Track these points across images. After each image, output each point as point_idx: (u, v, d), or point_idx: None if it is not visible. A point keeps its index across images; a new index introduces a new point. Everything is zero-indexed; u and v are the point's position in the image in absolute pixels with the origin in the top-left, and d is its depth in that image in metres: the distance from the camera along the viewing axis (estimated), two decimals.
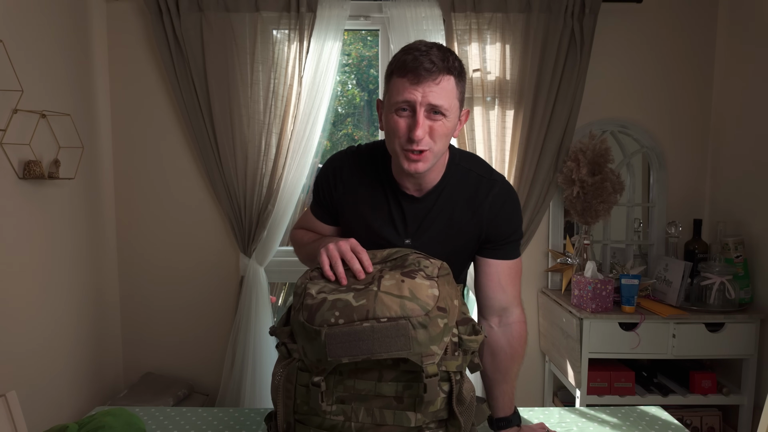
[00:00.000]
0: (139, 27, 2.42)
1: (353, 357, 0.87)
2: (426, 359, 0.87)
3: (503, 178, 1.23)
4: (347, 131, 2.83)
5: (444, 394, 0.92)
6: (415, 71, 1.04)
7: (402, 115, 1.07)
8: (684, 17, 2.48)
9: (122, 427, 1.03)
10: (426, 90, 1.04)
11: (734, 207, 2.38)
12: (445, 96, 1.06)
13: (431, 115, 1.06)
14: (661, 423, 1.32)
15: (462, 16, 2.33)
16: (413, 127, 1.05)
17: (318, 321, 0.90)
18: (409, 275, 0.95)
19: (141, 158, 2.49)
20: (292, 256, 2.58)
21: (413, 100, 1.05)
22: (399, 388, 0.90)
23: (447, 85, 1.06)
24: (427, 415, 0.91)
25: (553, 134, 2.38)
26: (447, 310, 0.92)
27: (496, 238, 1.21)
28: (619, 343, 2.13)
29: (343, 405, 0.92)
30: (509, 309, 1.24)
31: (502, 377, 1.23)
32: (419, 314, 0.88)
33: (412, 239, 1.21)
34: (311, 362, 0.91)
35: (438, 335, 0.89)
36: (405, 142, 1.07)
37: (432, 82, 1.04)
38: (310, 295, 0.94)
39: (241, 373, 2.41)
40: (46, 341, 2.00)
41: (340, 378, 0.92)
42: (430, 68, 1.04)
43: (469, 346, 0.96)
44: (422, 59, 1.04)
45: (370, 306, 0.89)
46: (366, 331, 0.87)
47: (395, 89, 1.07)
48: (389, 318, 0.88)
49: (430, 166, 1.10)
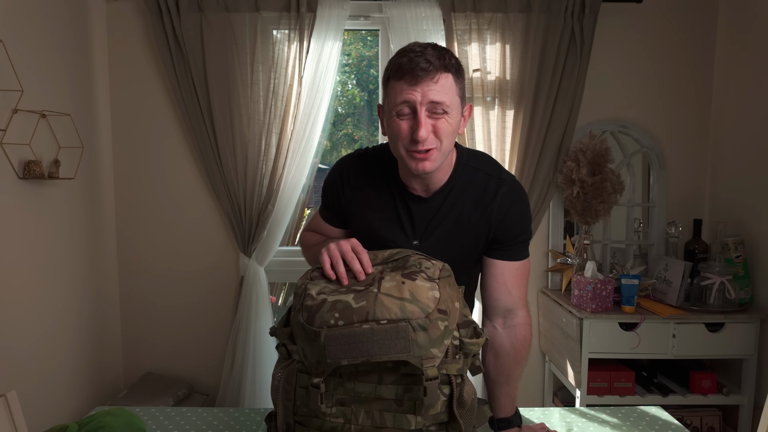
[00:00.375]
0: (139, 27, 2.42)
1: (352, 359, 0.86)
2: (426, 362, 0.86)
3: (512, 177, 1.22)
4: (347, 131, 2.83)
5: (444, 397, 0.91)
6: (411, 72, 1.03)
7: (404, 118, 1.06)
8: (684, 17, 2.48)
9: (122, 427, 1.03)
10: (425, 89, 1.04)
11: (734, 207, 2.38)
12: (444, 93, 1.05)
13: (433, 114, 1.05)
14: (661, 423, 1.32)
15: (462, 16, 2.33)
16: (416, 128, 1.05)
17: (318, 322, 0.89)
18: (409, 277, 0.94)
19: (141, 158, 2.49)
20: (292, 256, 2.58)
21: (413, 100, 1.04)
22: (399, 391, 0.90)
23: (446, 82, 1.05)
24: (428, 418, 0.91)
25: (553, 134, 2.38)
26: (448, 313, 0.91)
27: (504, 238, 1.20)
28: (619, 343, 2.13)
29: (342, 407, 0.91)
30: (514, 311, 1.24)
31: (504, 379, 1.22)
32: (419, 316, 0.87)
33: (420, 240, 1.20)
34: (311, 363, 0.91)
35: (438, 338, 0.88)
36: (409, 144, 1.07)
37: (430, 81, 1.04)
38: (310, 296, 0.93)
39: (241, 373, 2.41)
40: (46, 341, 2.00)
41: (339, 380, 0.91)
42: (427, 67, 1.03)
43: (470, 349, 0.95)
44: (418, 59, 1.03)
45: (369, 308, 0.88)
46: (365, 333, 0.86)
47: (394, 92, 1.07)
48: (389, 320, 0.87)
49: (437, 165, 1.10)
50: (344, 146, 2.83)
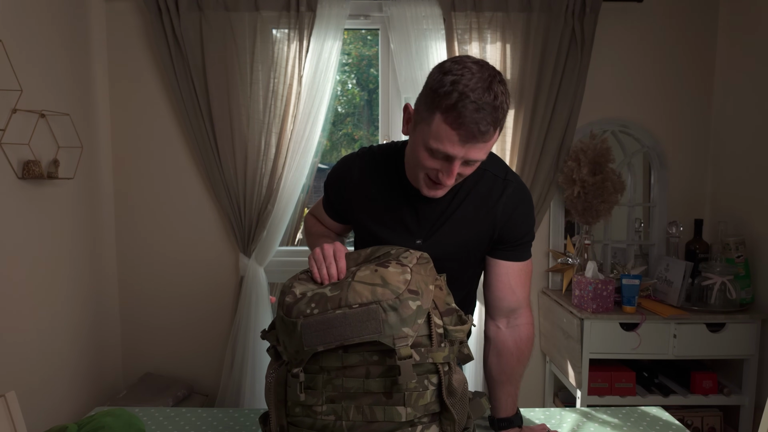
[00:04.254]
0: (139, 26, 2.42)
1: (327, 344, 0.88)
2: (398, 341, 0.88)
3: (518, 179, 1.22)
4: (347, 131, 2.82)
5: (433, 386, 0.92)
6: (468, 130, 0.96)
7: (436, 156, 1.03)
8: (685, 16, 2.48)
9: (122, 427, 1.03)
10: (471, 148, 1.00)
11: (735, 207, 2.38)
12: (486, 150, 1.02)
13: (465, 164, 1.04)
14: (662, 423, 1.31)
15: (462, 16, 2.32)
16: (446, 173, 1.03)
17: (294, 313, 0.92)
18: (383, 265, 0.96)
19: (140, 158, 2.49)
20: (291, 256, 2.58)
21: (455, 155, 1.00)
22: (387, 384, 0.90)
23: (492, 139, 1.01)
24: (418, 409, 0.91)
25: (554, 134, 2.38)
26: (420, 293, 0.92)
27: (508, 239, 1.21)
28: (619, 344, 2.13)
29: (333, 404, 0.92)
30: (518, 311, 1.24)
31: (506, 378, 1.22)
32: (390, 297, 0.89)
33: (423, 239, 1.20)
34: (290, 355, 0.93)
35: (410, 317, 0.89)
36: (428, 176, 1.07)
37: (481, 142, 1.00)
38: (293, 294, 0.95)
39: (241, 373, 2.41)
40: (46, 341, 1.99)
41: (328, 377, 0.92)
42: (486, 131, 0.97)
43: (455, 336, 0.96)
44: (478, 118, 0.95)
45: (343, 295, 0.91)
46: (338, 318, 0.88)
47: (438, 134, 0.99)
48: (361, 304, 0.89)
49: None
50: (344, 146, 2.83)
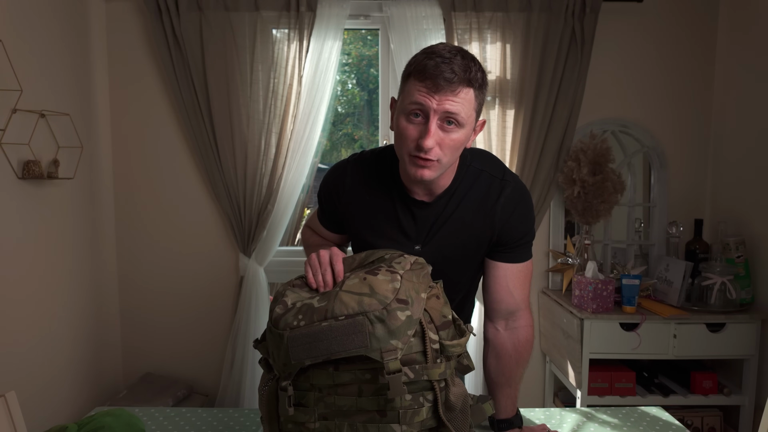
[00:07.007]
0: (139, 26, 2.42)
1: (314, 358, 0.86)
2: (387, 355, 0.84)
3: (516, 179, 1.20)
4: (347, 131, 2.82)
5: (429, 403, 0.90)
6: (434, 79, 0.99)
7: (413, 121, 1.04)
8: (685, 16, 2.48)
9: (122, 427, 1.03)
10: (443, 98, 1.00)
11: (735, 207, 2.38)
12: (462, 105, 1.02)
13: (444, 125, 1.03)
14: (662, 423, 1.31)
15: (462, 16, 2.32)
16: (424, 135, 1.02)
17: (282, 325, 0.89)
18: (372, 272, 0.93)
19: (140, 158, 2.48)
20: (292, 256, 2.58)
21: (428, 105, 1.01)
22: (380, 402, 0.88)
23: (466, 96, 1.02)
24: (413, 426, 0.89)
25: (554, 134, 2.37)
26: (409, 302, 0.88)
27: (507, 240, 1.19)
28: (619, 344, 2.13)
29: (326, 422, 0.90)
30: (517, 313, 1.23)
31: (505, 380, 1.22)
32: (377, 308, 0.86)
33: (422, 245, 1.19)
34: (278, 368, 0.90)
35: (398, 328, 0.86)
36: (413, 149, 1.04)
37: (450, 93, 1.00)
38: (284, 303, 0.93)
39: (241, 373, 2.41)
40: (46, 341, 1.99)
41: (320, 395, 0.90)
42: (451, 78, 0.99)
43: (451, 351, 0.93)
44: (443, 67, 0.99)
45: (329, 306, 0.88)
46: (324, 330, 0.85)
47: (411, 92, 1.03)
48: (347, 315, 0.86)
49: (437, 175, 1.08)
50: (344, 146, 2.83)
